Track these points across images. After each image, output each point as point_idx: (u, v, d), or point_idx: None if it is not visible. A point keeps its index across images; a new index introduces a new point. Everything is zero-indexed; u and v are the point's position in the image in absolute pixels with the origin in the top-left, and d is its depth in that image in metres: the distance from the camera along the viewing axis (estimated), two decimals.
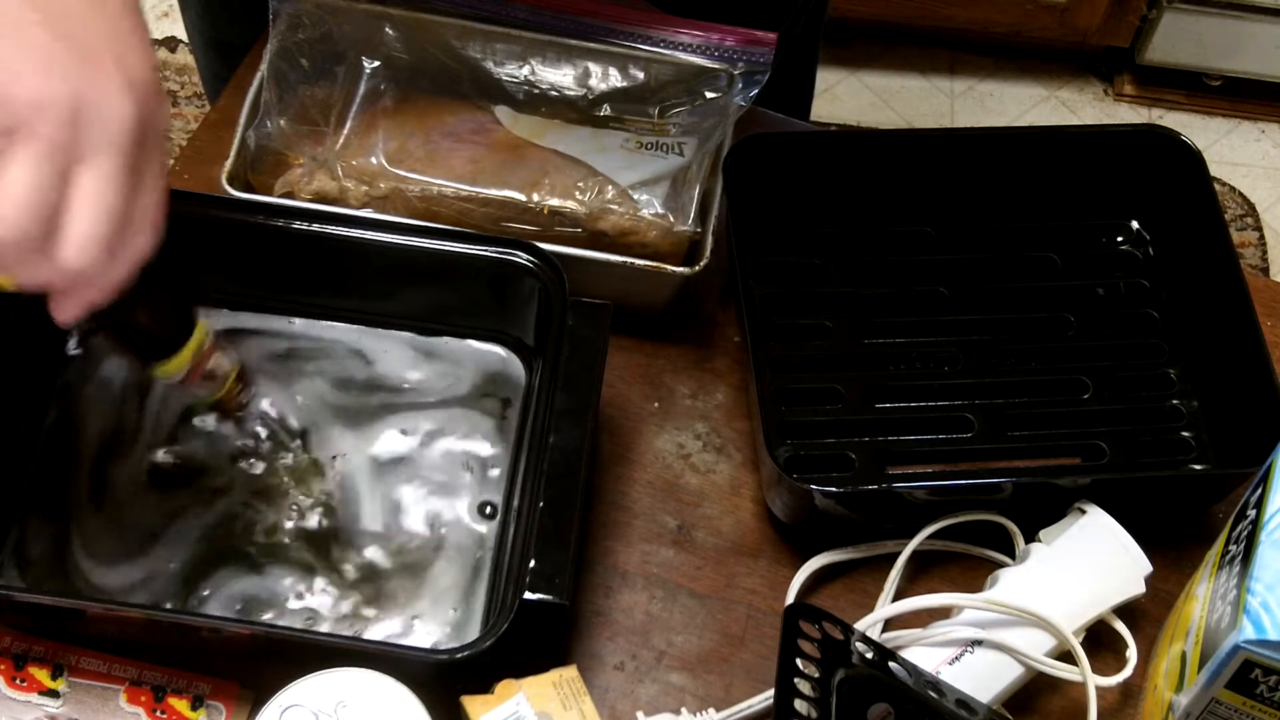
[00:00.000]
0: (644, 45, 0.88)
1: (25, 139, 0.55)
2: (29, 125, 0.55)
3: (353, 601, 0.76)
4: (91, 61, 0.56)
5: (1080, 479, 0.78)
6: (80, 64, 0.56)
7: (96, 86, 0.56)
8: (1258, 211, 2.01)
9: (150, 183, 0.60)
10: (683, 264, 0.83)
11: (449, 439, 0.81)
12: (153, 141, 0.59)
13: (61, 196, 0.56)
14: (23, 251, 0.56)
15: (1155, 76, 2.08)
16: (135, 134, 0.58)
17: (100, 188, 0.57)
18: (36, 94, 0.55)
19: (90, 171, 0.57)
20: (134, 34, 0.59)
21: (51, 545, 0.77)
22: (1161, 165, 0.89)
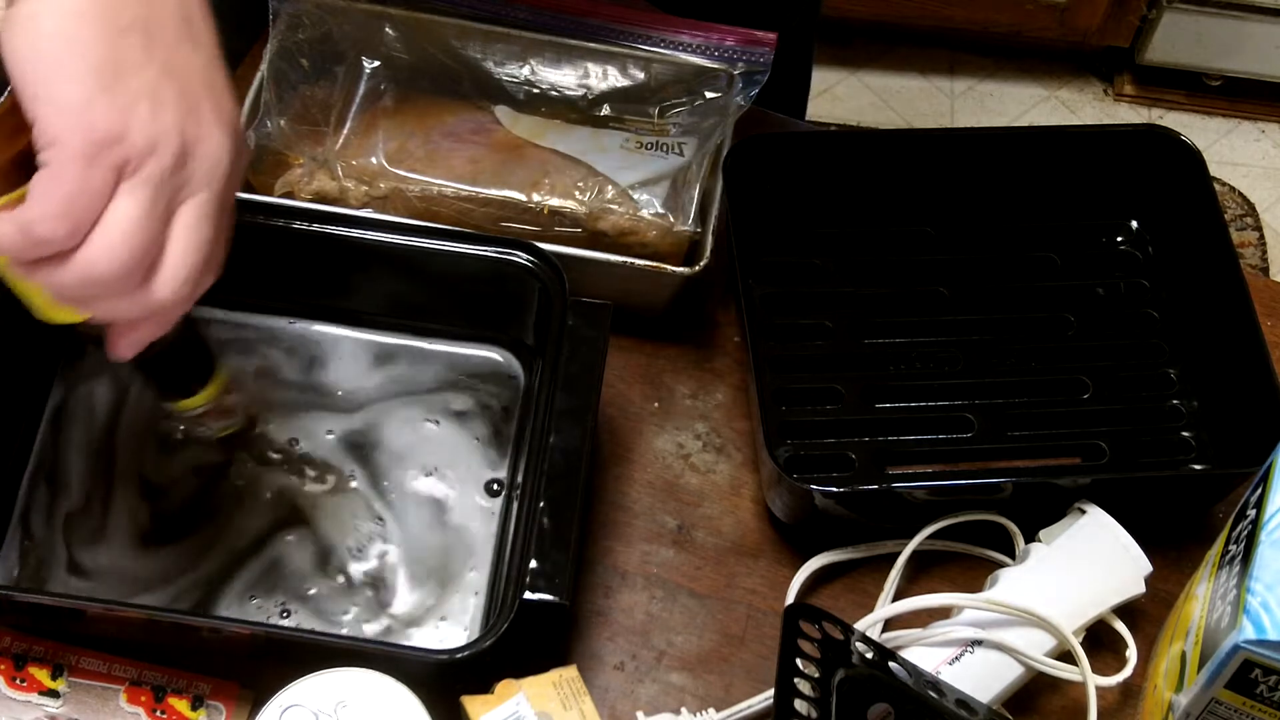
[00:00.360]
0: (644, 45, 0.88)
1: (134, 176, 0.56)
2: (139, 163, 0.56)
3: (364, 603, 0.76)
4: (195, 102, 0.59)
5: (1080, 479, 0.78)
6: (186, 105, 0.58)
7: (200, 127, 0.58)
8: (1258, 211, 2.01)
9: (229, 218, 0.62)
10: (683, 264, 0.83)
11: (449, 438, 0.81)
12: (237, 179, 0.62)
13: (162, 233, 0.58)
14: (120, 286, 0.57)
15: (1155, 76, 2.08)
16: (230, 170, 0.60)
17: (198, 225, 0.59)
18: (149, 133, 0.57)
19: (190, 210, 0.59)
20: (224, 76, 0.61)
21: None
22: (1161, 165, 0.89)
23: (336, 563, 0.77)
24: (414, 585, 0.77)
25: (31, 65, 0.55)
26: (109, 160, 0.56)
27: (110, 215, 0.56)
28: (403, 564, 0.77)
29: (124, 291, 0.58)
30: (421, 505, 0.79)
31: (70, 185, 0.55)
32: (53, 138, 0.55)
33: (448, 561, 0.77)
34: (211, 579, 0.76)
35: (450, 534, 0.78)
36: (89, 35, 0.56)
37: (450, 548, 0.78)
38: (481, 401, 0.82)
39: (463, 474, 0.80)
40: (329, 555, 0.77)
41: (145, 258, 0.57)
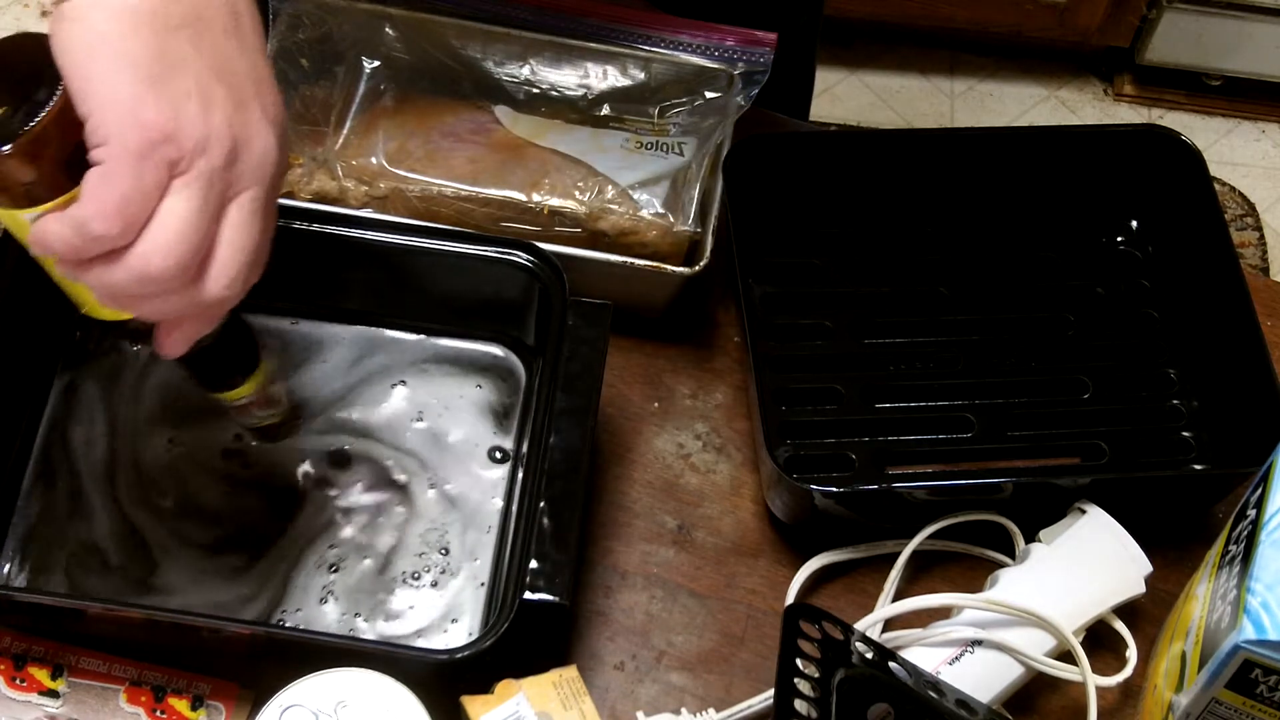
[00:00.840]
0: (644, 45, 0.88)
1: (186, 174, 0.57)
2: (191, 160, 0.56)
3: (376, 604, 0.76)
4: (243, 100, 0.59)
5: (1080, 479, 0.78)
6: (235, 102, 0.58)
7: (249, 124, 0.59)
8: (1258, 211, 2.01)
9: (274, 217, 0.62)
10: (683, 264, 0.83)
11: (449, 438, 0.81)
12: (282, 176, 0.62)
13: (214, 231, 0.58)
14: (173, 284, 0.58)
15: (1155, 76, 2.08)
16: (277, 166, 0.60)
17: (247, 222, 0.59)
18: (200, 131, 0.57)
19: (240, 208, 0.59)
20: (270, 75, 0.61)
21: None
22: (1161, 165, 0.89)
23: (335, 560, 0.77)
24: (417, 587, 0.77)
25: (83, 63, 0.56)
26: (161, 158, 0.56)
27: (163, 213, 0.56)
28: (403, 564, 0.77)
29: (176, 289, 0.58)
30: (420, 505, 0.79)
31: (123, 183, 0.55)
32: (105, 136, 0.55)
33: (449, 560, 0.77)
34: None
35: (450, 532, 0.78)
36: (139, 33, 0.56)
37: (450, 547, 0.78)
38: (481, 401, 0.82)
39: (462, 473, 0.80)
40: (328, 552, 0.77)
41: (197, 255, 0.57)
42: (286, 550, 0.77)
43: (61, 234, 0.56)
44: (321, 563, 0.77)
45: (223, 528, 0.78)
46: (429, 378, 0.83)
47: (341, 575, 0.77)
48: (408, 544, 0.78)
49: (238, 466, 0.80)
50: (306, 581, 0.76)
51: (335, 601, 0.76)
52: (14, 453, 0.78)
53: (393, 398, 0.82)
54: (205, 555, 0.77)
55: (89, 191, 0.56)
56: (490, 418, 0.82)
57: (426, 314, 0.84)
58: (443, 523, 0.79)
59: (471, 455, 0.81)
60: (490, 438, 0.81)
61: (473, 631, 0.75)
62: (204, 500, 0.79)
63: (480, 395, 0.83)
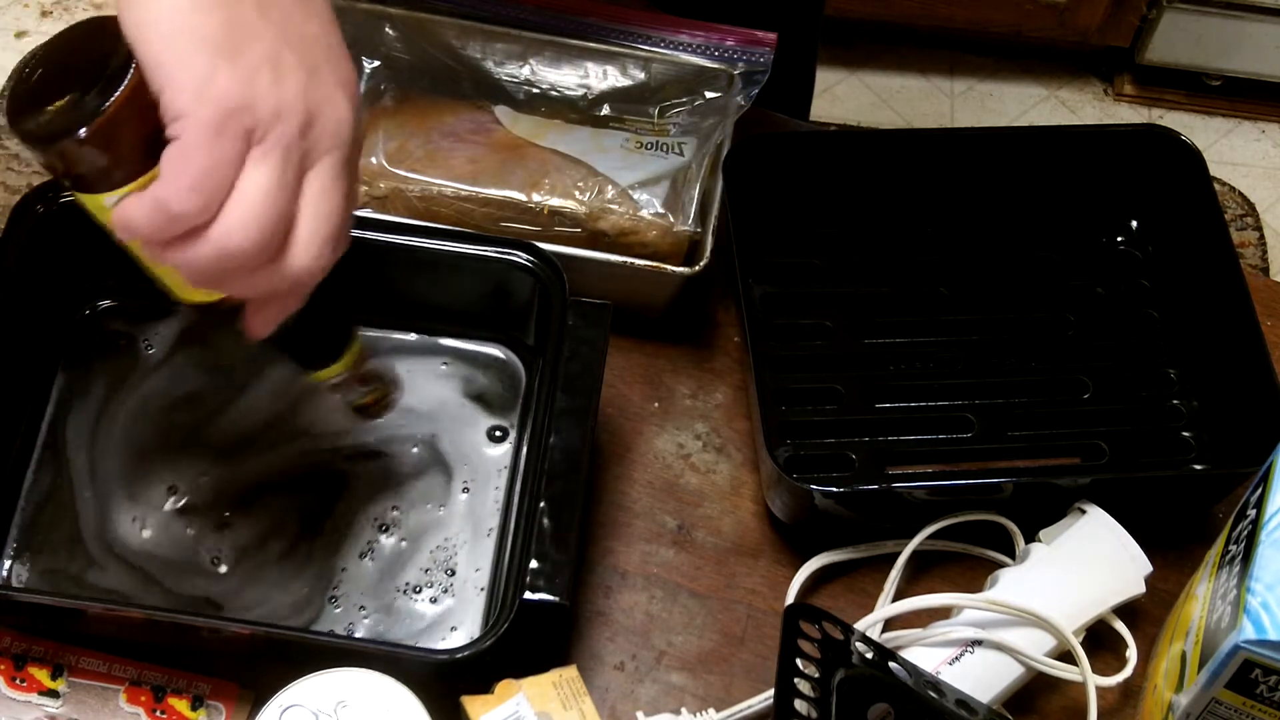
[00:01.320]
0: (644, 45, 0.88)
1: (262, 144, 0.56)
2: (266, 131, 0.56)
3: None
4: (314, 68, 0.58)
5: (1080, 479, 0.78)
6: (307, 71, 0.57)
7: (321, 93, 0.58)
8: (1258, 211, 2.01)
9: (357, 186, 0.61)
10: (683, 264, 0.83)
11: (448, 438, 0.81)
12: (359, 144, 0.61)
13: (294, 202, 0.57)
14: (257, 259, 0.57)
15: (1155, 76, 2.08)
16: (352, 136, 0.59)
17: (328, 190, 0.58)
18: (274, 101, 0.56)
19: (319, 177, 0.58)
20: (340, 41, 0.61)
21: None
22: (1161, 165, 0.89)
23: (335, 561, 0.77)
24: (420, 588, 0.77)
25: (152, 39, 0.55)
26: (236, 130, 0.55)
27: (242, 186, 0.56)
28: (403, 563, 0.77)
29: (260, 264, 0.57)
30: (419, 505, 0.79)
31: (201, 158, 0.55)
32: (179, 110, 0.55)
33: (451, 558, 0.77)
34: None
35: (449, 532, 0.78)
36: (206, 6, 0.55)
37: (449, 546, 0.78)
38: (481, 401, 0.82)
39: (461, 473, 0.80)
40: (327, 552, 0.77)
41: (280, 227, 0.57)
42: (285, 548, 0.77)
43: (142, 214, 0.55)
44: (323, 565, 0.77)
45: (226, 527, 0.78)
46: (428, 378, 0.83)
47: (344, 579, 0.77)
48: (408, 544, 0.78)
49: (239, 464, 0.80)
50: (302, 584, 0.76)
51: (337, 604, 0.76)
52: (15, 450, 0.78)
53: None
54: (210, 554, 0.77)
55: (167, 169, 0.55)
56: (490, 418, 0.82)
57: (426, 314, 0.84)
58: (442, 521, 0.78)
59: (470, 455, 0.81)
60: (489, 438, 0.81)
61: (473, 632, 0.75)
62: (206, 498, 0.79)
63: (480, 395, 0.83)
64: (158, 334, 0.83)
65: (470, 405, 0.82)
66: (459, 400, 0.82)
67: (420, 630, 0.76)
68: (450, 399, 0.82)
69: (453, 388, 0.83)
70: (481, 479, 0.80)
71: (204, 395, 0.81)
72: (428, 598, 0.76)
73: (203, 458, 0.80)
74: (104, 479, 0.79)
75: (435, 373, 0.83)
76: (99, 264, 0.82)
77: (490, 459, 0.81)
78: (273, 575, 0.77)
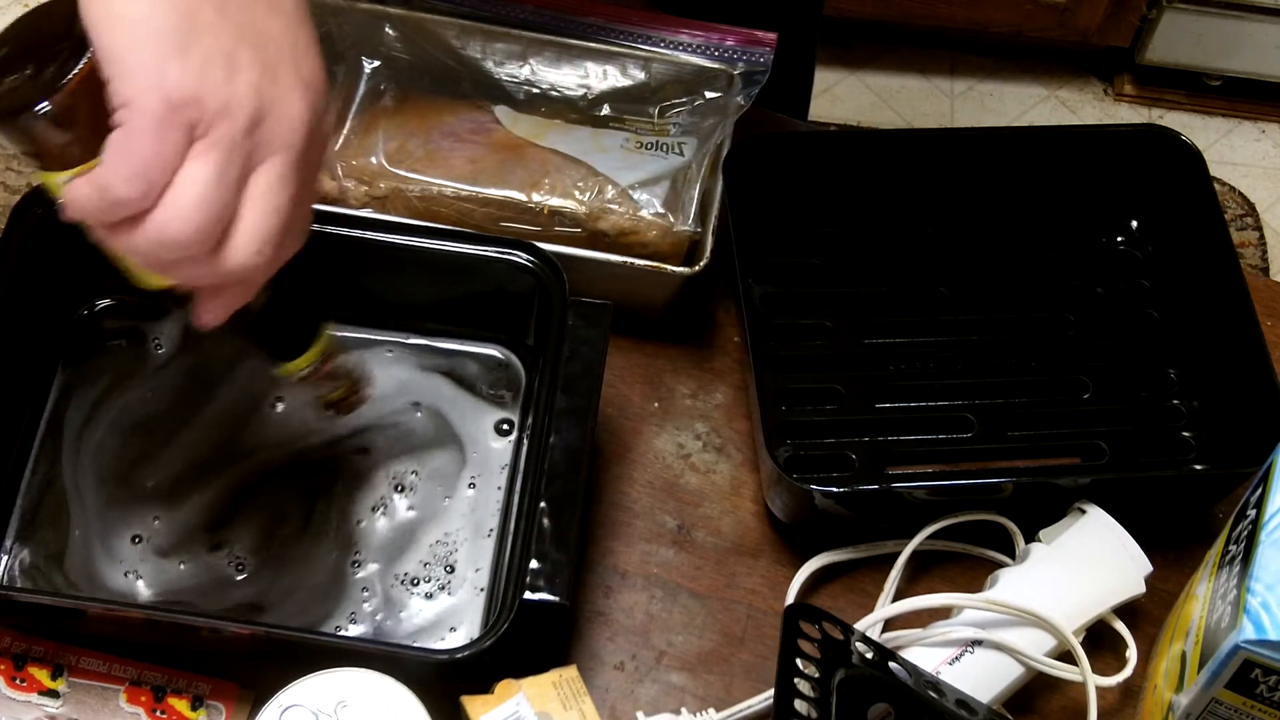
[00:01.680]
0: (644, 45, 0.88)
1: (206, 138, 0.56)
2: (211, 125, 0.56)
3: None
4: (271, 66, 0.58)
5: (1080, 479, 0.78)
6: (262, 69, 0.58)
7: (275, 91, 0.58)
8: (1258, 211, 2.01)
9: (312, 186, 0.62)
10: (683, 264, 0.83)
11: (448, 438, 0.81)
12: (320, 144, 0.61)
13: (236, 197, 0.58)
14: (194, 249, 0.57)
15: (1155, 76, 2.08)
16: (308, 136, 0.59)
17: (273, 189, 0.58)
18: (223, 96, 0.56)
19: (266, 173, 0.58)
20: (308, 40, 0.61)
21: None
22: (1161, 165, 0.89)
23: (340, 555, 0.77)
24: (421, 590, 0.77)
25: (108, 28, 0.55)
26: (181, 122, 0.55)
27: (182, 178, 0.56)
28: (410, 537, 0.77)
29: (198, 255, 0.57)
30: (419, 505, 0.79)
31: (143, 146, 0.55)
32: (126, 98, 0.55)
33: (452, 556, 0.77)
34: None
35: (450, 532, 0.78)
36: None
37: (449, 546, 0.78)
38: (481, 401, 0.82)
39: (461, 473, 0.80)
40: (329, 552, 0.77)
41: (218, 221, 0.57)
42: (281, 546, 0.77)
43: (86, 196, 0.56)
44: (324, 564, 0.77)
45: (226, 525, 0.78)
46: (428, 378, 0.83)
47: (361, 535, 0.77)
48: (407, 545, 0.78)
49: (240, 466, 0.80)
50: (294, 584, 0.76)
51: (337, 604, 0.76)
52: (15, 449, 0.78)
53: (392, 398, 0.82)
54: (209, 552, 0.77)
55: (110, 155, 0.56)
56: (489, 418, 0.82)
57: (427, 314, 0.84)
58: (442, 521, 0.79)
59: (470, 455, 0.81)
60: (489, 438, 0.81)
61: (473, 632, 0.75)
62: (208, 499, 0.79)
63: (480, 395, 0.83)
64: (161, 334, 0.83)
65: (469, 405, 0.82)
66: (459, 399, 0.82)
67: (420, 630, 0.76)
68: (450, 399, 0.82)
69: (452, 387, 0.83)
70: (486, 475, 0.80)
71: (203, 395, 0.82)
72: (423, 593, 0.76)
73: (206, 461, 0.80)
74: (100, 495, 0.79)
75: (435, 373, 0.83)
76: (99, 264, 0.82)
77: (495, 452, 0.81)
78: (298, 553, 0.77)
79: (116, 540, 0.77)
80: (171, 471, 0.79)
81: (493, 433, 0.81)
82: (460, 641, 0.75)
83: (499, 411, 0.82)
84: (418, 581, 0.77)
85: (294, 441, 0.81)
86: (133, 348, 0.83)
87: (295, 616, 0.75)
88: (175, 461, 0.80)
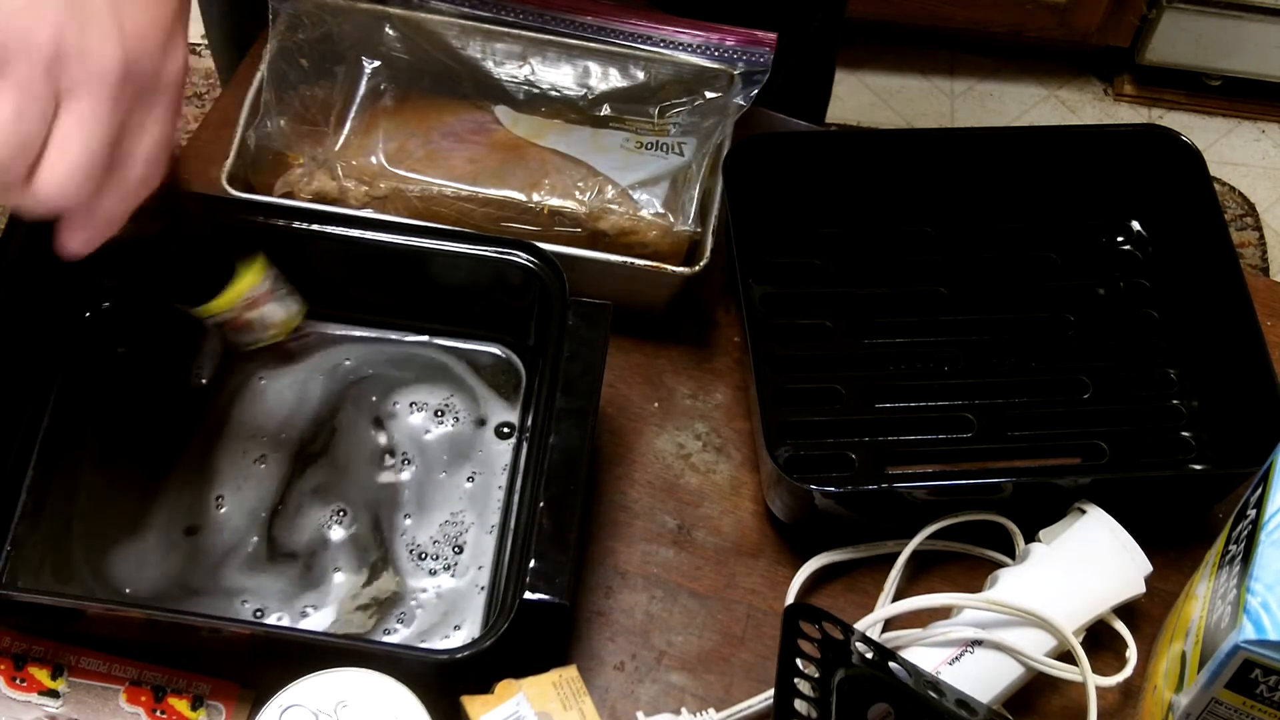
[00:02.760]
0: (644, 45, 0.88)
1: (6, 74, 0.58)
2: (12, 61, 0.58)
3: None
4: (80, 6, 0.59)
5: (1080, 479, 0.78)
6: (71, 8, 0.59)
7: (83, 28, 0.59)
8: (1258, 211, 2.01)
9: (150, 126, 0.62)
10: (683, 264, 0.83)
11: (448, 437, 0.81)
12: (151, 87, 0.62)
13: (41, 130, 0.59)
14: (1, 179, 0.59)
15: (1155, 76, 2.08)
16: (122, 77, 0.60)
17: (83, 125, 0.60)
18: (21, 31, 0.58)
19: (73, 109, 0.59)
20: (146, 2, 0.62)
21: None
22: (1161, 165, 0.89)
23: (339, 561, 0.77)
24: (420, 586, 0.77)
25: None
26: None
27: None
28: (401, 562, 0.77)
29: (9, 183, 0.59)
30: (419, 504, 0.79)
31: None
32: None
33: (451, 557, 0.78)
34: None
35: (449, 529, 0.78)
36: None
37: (449, 544, 0.78)
38: (480, 401, 0.82)
39: (461, 473, 0.80)
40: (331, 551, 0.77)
41: (20, 152, 0.58)
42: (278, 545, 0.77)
43: None
44: (327, 563, 0.77)
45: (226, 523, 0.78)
46: (429, 377, 0.83)
47: (346, 575, 0.77)
48: (407, 544, 0.78)
49: (238, 462, 0.80)
50: (290, 584, 0.77)
51: (337, 603, 0.76)
52: (15, 450, 0.78)
53: (392, 398, 0.82)
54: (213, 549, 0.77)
55: None
56: (489, 418, 0.82)
57: (427, 314, 0.84)
58: (441, 521, 0.79)
59: (470, 455, 0.81)
60: (489, 438, 0.81)
61: (473, 632, 0.75)
62: (211, 498, 0.79)
63: (480, 395, 0.83)
64: (160, 333, 0.83)
65: (469, 405, 0.82)
66: (459, 400, 0.82)
67: (420, 630, 0.76)
68: (450, 399, 0.82)
69: (452, 387, 0.83)
70: (486, 474, 0.80)
71: (202, 394, 0.82)
72: (428, 569, 0.77)
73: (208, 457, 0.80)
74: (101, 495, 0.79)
75: (435, 373, 0.83)
76: (99, 264, 0.82)
77: (495, 453, 0.81)
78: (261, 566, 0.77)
79: (117, 540, 0.77)
80: (172, 471, 0.79)
81: (493, 434, 0.81)
82: (460, 641, 0.75)
83: (499, 412, 0.82)
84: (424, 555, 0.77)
85: (291, 439, 0.81)
86: (133, 349, 0.83)
87: None
88: (176, 461, 0.79)
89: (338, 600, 0.76)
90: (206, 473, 0.79)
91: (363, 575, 0.77)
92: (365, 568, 0.77)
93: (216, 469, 0.79)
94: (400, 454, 0.80)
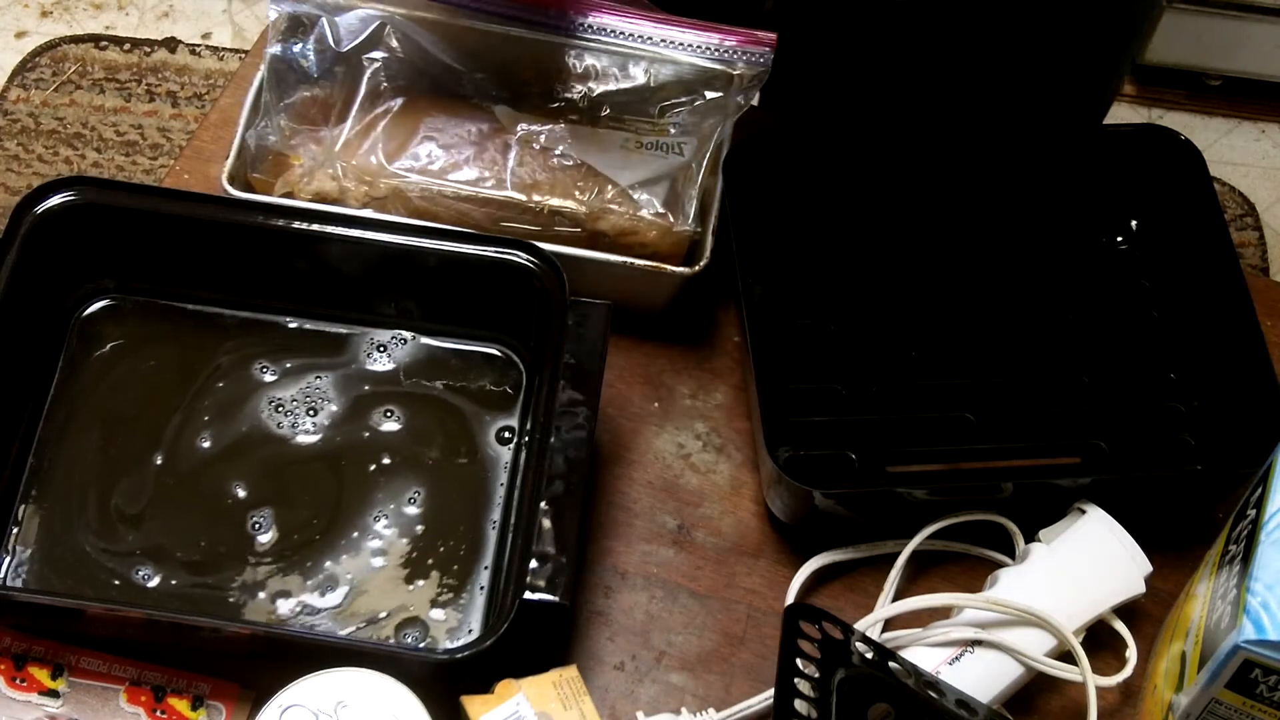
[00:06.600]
0: (644, 45, 0.88)
1: None
2: None
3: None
4: None
5: (1080, 479, 0.78)
6: None
7: None
8: (1258, 211, 2.01)
9: None
10: (683, 264, 0.83)
11: (448, 437, 0.81)
12: None
13: None
14: None
15: (1155, 76, 2.08)
16: None
17: None
18: None
19: None
20: None
21: None
22: (1161, 165, 0.89)
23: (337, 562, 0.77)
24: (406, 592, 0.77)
25: None
26: None
27: None
28: (402, 562, 0.77)
29: None
30: (419, 504, 0.79)
31: None
32: None
33: (450, 560, 0.78)
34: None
35: (450, 530, 0.78)
36: None
37: (449, 545, 0.78)
38: (481, 401, 0.82)
39: (461, 473, 0.80)
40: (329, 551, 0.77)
41: None
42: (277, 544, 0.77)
43: None
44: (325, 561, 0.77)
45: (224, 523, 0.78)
46: (429, 377, 0.83)
47: (346, 573, 0.77)
48: (404, 544, 0.78)
49: (237, 464, 0.80)
50: (286, 583, 0.77)
51: (336, 602, 0.76)
52: (15, 449, 0.78)
53: (392, 398, 0.82)
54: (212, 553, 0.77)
55: None
56: (489, 418, 0.82)
57: (426, 314, 0.84)
58: (443, 520, 0.79)
59: (470, 455, 0.81)
60: (489, 438, 0.81)
61: (473, 632, 0.75)
62: (213, 497, 0.79)
63: (480, 396, 0.83)
64: (159, 333, 0.83)
65: (470, 405, 0.82)
66: (459, 400, 0.82)
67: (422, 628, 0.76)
68: (450, 399, 0.82)
69: (452, 388, 0.83)
70: (486, 474, 0.80)
71: (201, 394, 0.82)
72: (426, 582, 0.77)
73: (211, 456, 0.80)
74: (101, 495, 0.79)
75: (435, 373, 0.83)
76: (99, 264, 0.83)
77: (496, 453, 0.81)
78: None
79: (118, 540, 0.77)
80: (172, 471, 0.79)
81: (493, 435, 0.81)
82: (460, 641, 0.75)
83: (499, 414, 0.82)
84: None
85: (289, 440, 0.81)
86: (132, 348, 0.83)
87: None
88: (176, 461, 0.79)
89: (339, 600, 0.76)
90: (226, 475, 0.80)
91: (363, 575, 0.77)
92: (365, 567, 0.77)
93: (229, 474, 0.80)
94: (400, 453, 0.80)
